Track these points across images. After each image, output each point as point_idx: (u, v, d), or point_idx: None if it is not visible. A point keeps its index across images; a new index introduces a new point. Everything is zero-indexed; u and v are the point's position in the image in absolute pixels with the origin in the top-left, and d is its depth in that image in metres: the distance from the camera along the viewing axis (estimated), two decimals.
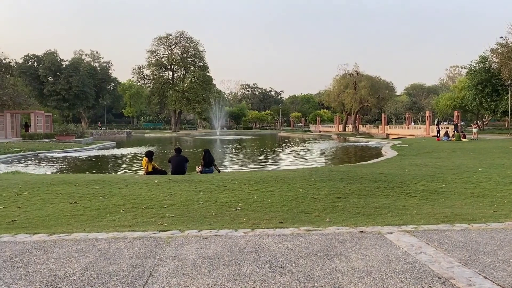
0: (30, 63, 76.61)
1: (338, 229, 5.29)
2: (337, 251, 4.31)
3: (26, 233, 5.10)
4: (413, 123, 64.83)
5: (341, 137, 56.32)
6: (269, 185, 9.26)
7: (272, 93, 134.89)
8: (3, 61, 45.23)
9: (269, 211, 6.68)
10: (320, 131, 77.82)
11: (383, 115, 64.54)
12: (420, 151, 21.60)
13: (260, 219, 6.00)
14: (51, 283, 3.43)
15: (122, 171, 18.52)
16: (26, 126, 43.81)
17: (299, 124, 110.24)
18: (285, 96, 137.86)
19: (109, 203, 7.43)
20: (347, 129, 69.91)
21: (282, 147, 37.39)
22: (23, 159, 24.06)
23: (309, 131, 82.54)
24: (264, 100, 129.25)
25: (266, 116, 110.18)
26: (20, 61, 72.91)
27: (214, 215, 6.38)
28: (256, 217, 6.12)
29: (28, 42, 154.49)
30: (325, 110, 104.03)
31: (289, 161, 24.25)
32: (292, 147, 37.69)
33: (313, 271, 3.71)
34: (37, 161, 23.27)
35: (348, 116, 70.75)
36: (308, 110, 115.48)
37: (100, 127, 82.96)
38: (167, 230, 5.22)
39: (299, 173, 11.56)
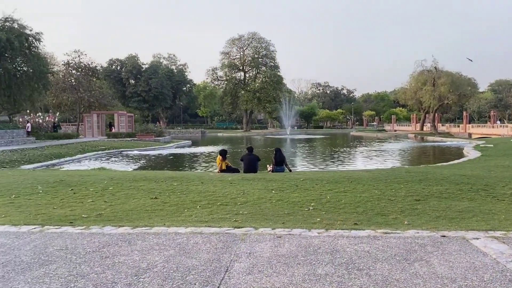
0: (113, 66, 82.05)
1: (417, 232, 5.04)
2: (418, 255, 4.11)
3: (112, 226, 5.45)
4: (498, 122, 59.97)
5: (418, 136, 53.74)
6: (342, 185, 9.08)
7: (344, 91, 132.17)
8: (90, 66, 48.86)
9: (343, 212, 6.54)
10: (395, 130, 74.88)
11: (464, 113, 60.42)
12: (507, 151, 19.97)
13: (334, 219, 5.90)
14: (135, 274, 3.63)
15: (198, 169, 19.19)
16: (110, 125, 47.00)
17: (372, 123, 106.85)
18: (357, 94, 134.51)
19: (186, 199, 7.72)
20: (424, 128, 66.50)
21: (355, 147, 36.50)
22: (107, 156, 25.85)
23: (384, 130, 79.73)
24: (335, 99, 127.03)
25: (338, 115, 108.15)
26: (105, 65, 78.36)
27: (286, 214, 6.38)
28: (329, 218, 6.02)
29: (112, 46, 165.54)
30: (400, 108, 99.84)
31: (362, 161, 23.61)
32: (366, 146, 36.65)
33: (392, 275, 3.57)
34: (120, 158, 24.88)
35: (426, 115, 67.25)
36: (383, 109, 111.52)
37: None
38: (241, 227, 5.31)
39: (374, 174, 11.21)
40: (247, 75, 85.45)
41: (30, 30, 32.52)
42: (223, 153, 13.19)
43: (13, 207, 7.18)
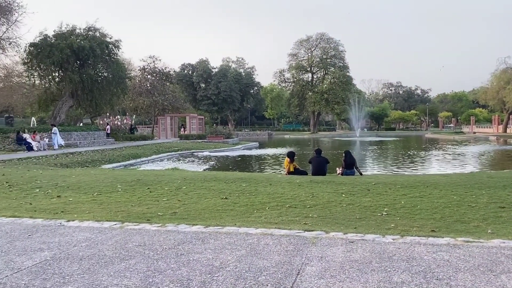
0: (185, 71, 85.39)
1: (503, 242, 4.66)
2: (504, 267, 3.79)
3: (186, 224, 5.64)
4: None
5: (501, 139, 49.93)
6: (417, 190, 8.66)
7: (418, 91, 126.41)
8: (164, 71, 51.15)
9: (419, 218, 6.23)
10: (474, 133, 70.22)
11: None
12: None
13: (409, 226, 5.64)
14: (209, 272, 3.72)
15: (266, 171, 19.34)
16: (182, 127, 48.89)
17: (449, 125, 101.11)
18: (432, 94, 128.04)
19: (255, 200, 7.80)
20: (508, 130, 61.67)
21: (430, 150, 34.73)
22: (180, 157, 26.89)
23: (462, 132, 75.14)
24: (408, 99, 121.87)
25: (411, 116, 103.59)
26: (177, 70, 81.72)
27: (358, 218, 6.21)
28: (404, 224, 5.76)
29: (185, 51, 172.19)
30: (480, 109, 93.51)
31: (438, 165, 22.40)
32: (442, 150, 34.74)
33: (476, 287, 3.32)
34: (191, 159, 25.78)
35: (510, 116, 62.34)
36: (460, 109, 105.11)
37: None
38: (312, 230, 5.25)
39: (452, 178, 10.57)
40: (315, 76, 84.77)
41: (110, 38, 34.76)
42: (291, 155, 13.16)
43: (95, 204, 7.69)
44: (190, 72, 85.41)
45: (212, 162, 23.82)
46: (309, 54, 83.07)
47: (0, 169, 14.58)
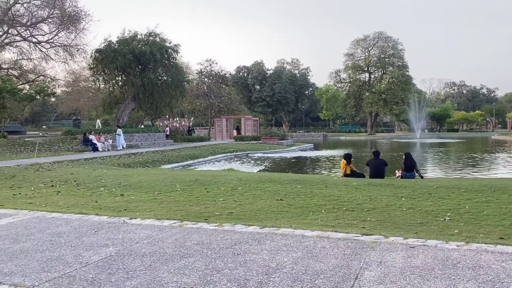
0: (241, 73, 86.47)
1: None
2: None
3: (242, 224, 5.71)
4: None
5: None
6: (483, 194, 8.17)
7: (484, 90, 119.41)
8: (220, 74, 52.22)
9: (485, 224, 5.87)
10: None
11: None
12: None
13: (474, 232, 5.33)
14: (266, 273, 3.73)
15: (321, 172, 19.12)
16: (237, 129, 49.57)
17: None
18: (500, 93, 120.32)
19: (311, 202, 7.73)
20: None
21: (497, 152, 32.68)
22: (235, 158, 27.27)
23: None
24: (473, 99, 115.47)
25: (476, 117, 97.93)
26: (233, 72, 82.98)
27: (419, 223, 5.96)
28: (469, 230, 5.46)
29: (240, 53, 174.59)
30: None
31: (506, 168, 21.02)
32: (510, 152, 32.57)
33: None
34: (246, 160, 26.05)
35: None
36: None
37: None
38: (370, 234, 5.12)
39: None
40: (372, 76, 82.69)
41: (169, 43, 35.98)
42: (347, 157, 12.91)
43: (156, 202, 7.98)
44: (245, 74, 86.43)
45: (267, 163, 23.92)
46: (366, 53, 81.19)
47: (69, 168, 15.55)
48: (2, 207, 7.48)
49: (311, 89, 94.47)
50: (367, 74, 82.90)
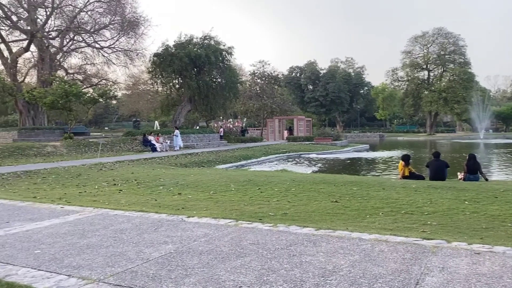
0: (293, 74, 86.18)
1: None
2: None
3: (297, 226, 5.68)
4: None
5: None
6: None
7: None
8: (273, 74, 52.27)
9: None
10: None
11: None
12: None
13: None
14: (322, 275, 3.69)
15: (377, 174, 18.62)
16: (290, 129, 49.44)
17: None
18: None
19: (367, 204, 7.55)
20: None
21: None
22: (288, 159, 27.22)
23: None
24: None
25: None
26: (285, 73, 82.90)
27: (484, 228, 5.64)
28: None
29: (293, 54, 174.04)
30: None
31: None
32: None
33: None
34: (299, 161, 25.92)
35: None
36: None
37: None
38: (431, 239, 4.91)
39: None
40: (431, 74, 79.41)
41: (224, 45, 36.60)
42: (405, 158, 12.48)
43: (212, 201, 8.15)
44: (298, 75, 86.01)
45: (320, 165, 23.65)
46: (425, 50, 78.08)
47: (130, 168, 16.26)
48: (70, 204, 7.96)
49: (366, 88, 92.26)
50: (426, 72, 79.73)
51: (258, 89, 50.22)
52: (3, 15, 34.63)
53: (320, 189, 9.44)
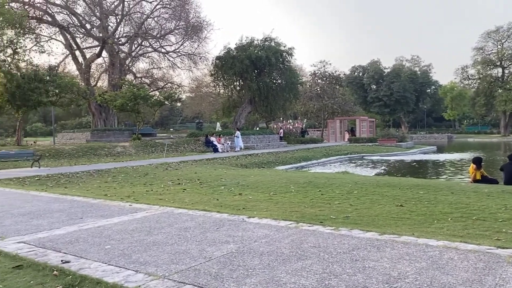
0: (356, 73, 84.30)
1: None
2: None
3: (360, 230, 5.53)
4: None
5: None
6: None
7: None
8: (334, 74, 51.48)
9: None
10: None
11: None
12: None
13: None
14: (386, 282, 3.56)
15: (445, 177, 17.70)
16: (352, 130, 48.39)
17: None
18: None
19: (435, 209, 7.19)
20: None
21: None
22: (350, 160, 26.64)
23: None
24: None
25: None
26: (347, 72, 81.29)
27: None
28: None
29: (355, 54, 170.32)
30: None
31: None
32: None
33: None
34: (361, 163, 25.28)
35: None
36: None
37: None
38: (506, 248, 4.57)
39: None
40: (506, 71, 74.22)
41: (284, 47, 36.65)
42: (477, 161, 11.74)
43: (272, 203, 8.17)
44: (360, 74, 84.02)
45: (384, 167, 22.90)
46: (499, 46, 73.12)
47: (193, 167, 16.75)
48: (137, 202, 8.35)
49: (433, 87, 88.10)
50: (500, 69, 74.70)
51: (318, 89, 49.69)
52: (78, 24, 37.16)
53: (384, 193, 9.14)
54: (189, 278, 3.76)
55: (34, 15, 33.56)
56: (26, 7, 32.36)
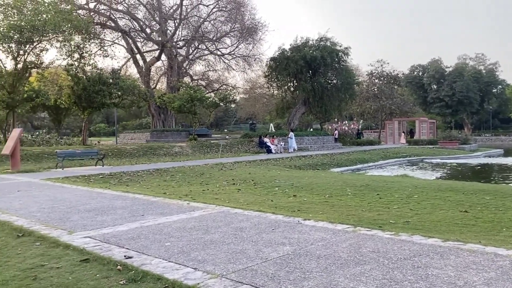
0: (415, 73, 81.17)
1: None
2: None
3: (421, 235, 5.30)
4: None
5: None
6: None
7: None
8: (392, 74, 49.94)
9: None
10: None
11: None
12: None
13: None
14: None
15: None
16: (411, 132, 46.67)
17: None
18: None
19: (503, 216, 6.76)
20: None
21: None
22: (409, 163, 25.69)
23: None
24: None
25: None
26: (406, 72, 78.52)
27: None
28: None
29: (414, 53, 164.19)
30: None
31: None
32: None
33: None
34: (421, 166, 24.29)
35: None
36: None
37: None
38: None
39: None
40: None
41: (340, 46, 36.04)
42: None
43: (327, 205, 8.05)
44: (420, 74, 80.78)
45: (446, 170, 21.86)
46: None
47: (247, 168, 16.91)
48: (194, 201, 8.55)
49: (500, 86, 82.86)
50: None
51: (376, 89, 48.43)
52: (139, 28, 38.77)
53: (446, 197, 8.74)
54: (246, 278, 3.79)
55: (99, 21, 35.42)
56: (92, 13, 34.24)
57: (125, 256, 4.60)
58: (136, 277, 3.92)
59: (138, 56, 39.23)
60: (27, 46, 23.39)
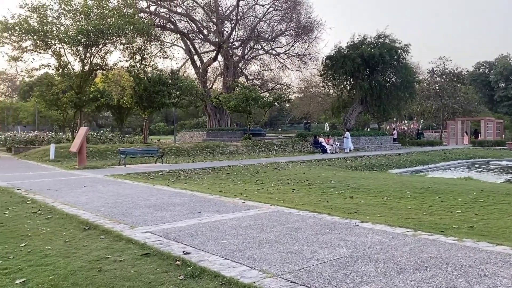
0: (480, 70, 76.82)
1: None
2: None
3: (488, 242, 5.00)
4: None
5: None
6: None
7: None
8: (455, 71, 47.51)
9: None
10: None
11: None
12: None
13: None
14: None
15: None
16: (476, 133, 44.17)
17: None
18: None
19: None
20: None
21: None
22: (472, 165, 24.35)
23: None
24: None
25: None
26: (470, 69, 74.46)
27: None
28: None
29: (479, 49, 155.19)
30: None
31: None
32: None
33: None
34: (487, 168, 22.93)
35: None
36: None
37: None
38: None
39: None
40: None
41: (399, 43, 34.85)
42: None
43: (385, 208, 7.81)
44: (486, 71, 76.28)
45: None
46: None
47: (301, 168, 16.80)
48: (249, 200, 8.63)
49: None
50: None
51: (437, 88, 46.28)
52: (197, 30, 39.74)
53: None
54: (302, 279, 3.76)
55: (159, 23, 36.70)
56: (152, 16, 35.56)
57: (183, 251, 4.74)
58: (194, 273, 4.02)
59: (195, 57, 40.21)
60: (93, 49, 24.74)
